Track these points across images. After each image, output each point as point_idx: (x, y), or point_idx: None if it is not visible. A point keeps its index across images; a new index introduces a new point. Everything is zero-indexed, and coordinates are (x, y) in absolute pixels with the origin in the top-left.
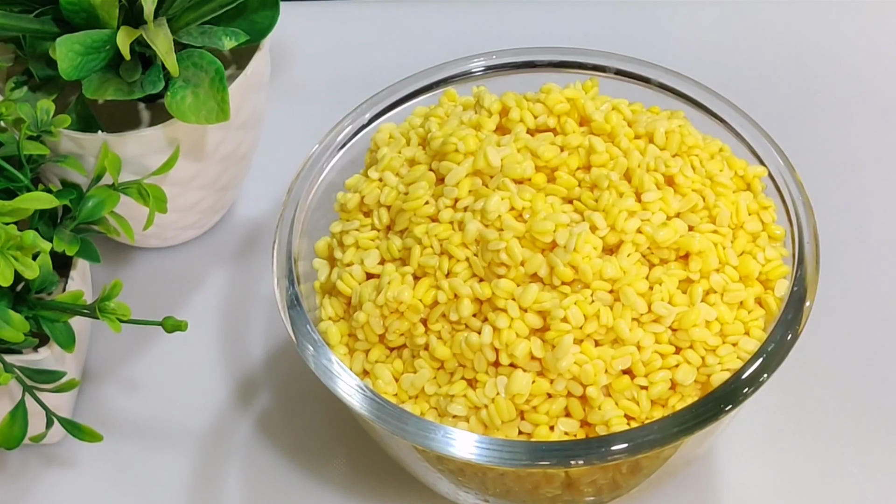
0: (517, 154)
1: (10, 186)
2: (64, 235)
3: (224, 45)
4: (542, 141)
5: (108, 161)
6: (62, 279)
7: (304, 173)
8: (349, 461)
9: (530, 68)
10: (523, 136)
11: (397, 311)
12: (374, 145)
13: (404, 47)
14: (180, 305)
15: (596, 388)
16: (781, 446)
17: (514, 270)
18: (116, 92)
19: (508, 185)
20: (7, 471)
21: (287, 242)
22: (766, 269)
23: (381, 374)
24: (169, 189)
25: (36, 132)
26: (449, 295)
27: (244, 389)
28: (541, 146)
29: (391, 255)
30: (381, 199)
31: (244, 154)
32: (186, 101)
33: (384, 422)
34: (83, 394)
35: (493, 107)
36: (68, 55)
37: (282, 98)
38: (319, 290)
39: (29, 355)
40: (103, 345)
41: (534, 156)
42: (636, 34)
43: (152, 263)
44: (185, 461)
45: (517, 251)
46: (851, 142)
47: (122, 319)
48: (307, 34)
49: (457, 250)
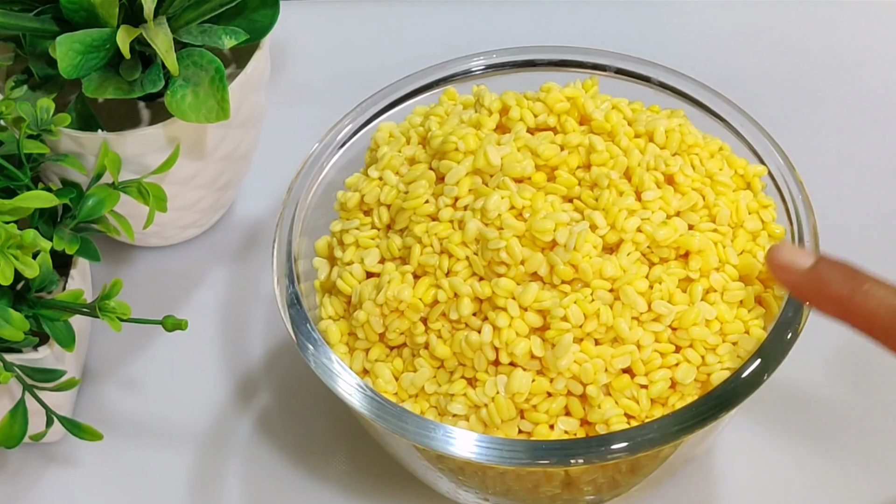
0: (517, 153)
1: (11, 185)
2: (64, 234)
3: (224, 44)
4: (542, 140)
5: (108, 160)
6: (62, 278)
7: (304, 172)
8: (349, 460)
9: (530, 67)
10: (523, 134)
11: (397, 310)
12: (374, 144)
13: (404, 46)
14: (180, 304)
15: (596, 386)
16: (781, 445)
17: (514, 269)
18: (116, 91)
19: (508, 183)
20: (7, 469)
21: (287, 241)
22: (766, 268)
23: (381, 372)
24: (169, 188)
25: (36, 131)
26: (449, 294)
27: (244, 388)
28: (541, 145)
29: (391, 254)
30: (380, 197)
31: (244, 153)
32: (186, 99)
33: (384, 421)
34: (83, 393)
35: (493, 106)
36: (68, 54)
37: (282, 97)
38: (319, 288)
39: (29, 354)
40: (103, 344)
41: (534, 155)
42: (636, 33)
43: (152, 262)
44: (185, 459)
45: (517, 250)
46: (851, 141)
47: (123, 318)
48: (307, 33)
49: (457, 249)
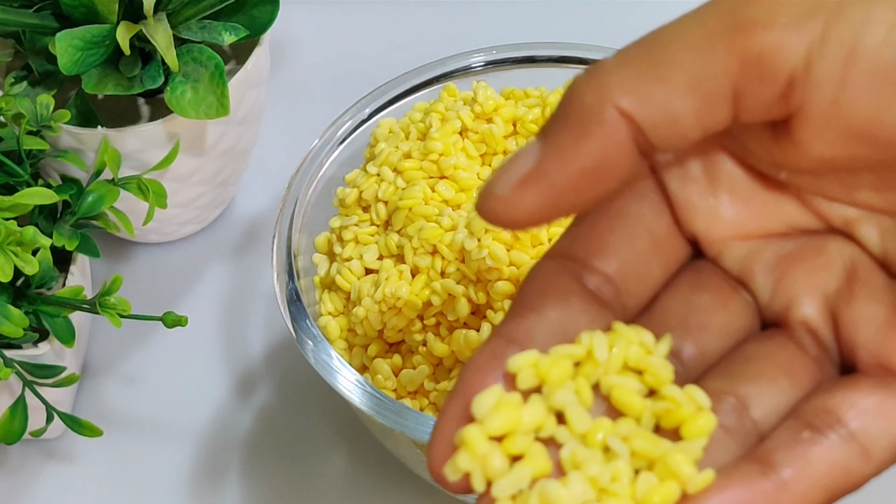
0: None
1: (10, 182)
2: (64, 230)
3: (224, 41)
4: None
5: (107, 156)
6: (62, 274)
7: (303, 168)
8: (348, 456)
9: (530, 63)
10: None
11: (395, 307)
12: (374, 140)
13: (404, 42)
14: (180, 300)
15: None
16: None
17: (506, 271)
18: (116, 87)
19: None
20: (7, 465)
21: (287, 237)
22: None
23: (381, 369)
24: (169, 184)
25: (35, 127)
26: (442, 296)
27: (244, 384)
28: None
29: (389, 252)
30: (378, 194)
31: (244, 149)
32: (186, 96)
33: (383, 416)
34: (83, 389)
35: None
36: (68, 50)
37: (281, 93)
38: (319, 285)
39: (29, 350)
40: (103, 340)
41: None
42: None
43: (152, 259)
44: (185, 456)
45: (501, 254)
46: None
47: (123, 314)
48: (307, 29)
49: (448, 252)
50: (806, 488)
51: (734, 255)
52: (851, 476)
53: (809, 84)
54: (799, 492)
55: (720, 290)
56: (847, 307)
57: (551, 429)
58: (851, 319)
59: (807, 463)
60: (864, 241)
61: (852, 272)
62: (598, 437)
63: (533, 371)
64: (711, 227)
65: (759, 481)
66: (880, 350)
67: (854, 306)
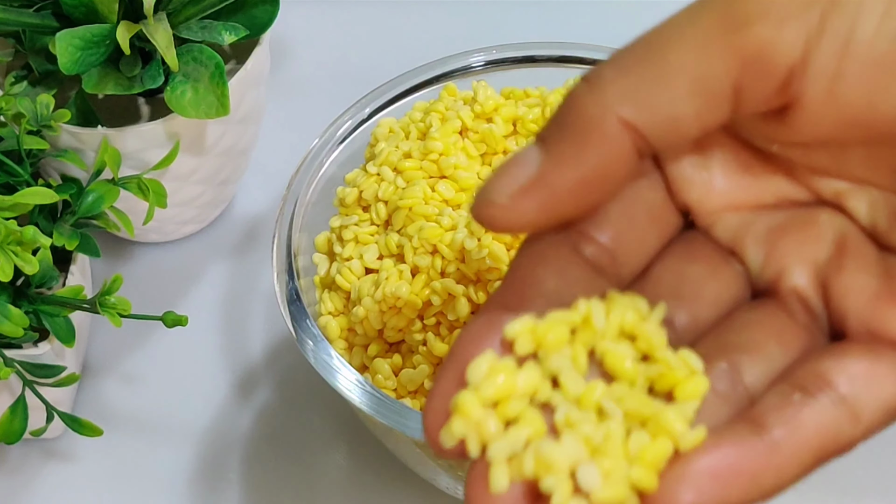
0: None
1: (10, 181)
2: (64, 230)
3: (224, 40)
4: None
5: (107, 156)
6: (62, 274)
7: (303, 168)
8: (349, 455)
9: (530, 63)
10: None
11: (395, 307)
12: (374, 140)
13: (405, 42)
14: (180, 300)
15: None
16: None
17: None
18: (116, 87)
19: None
20: (7, 465)
21: (287, 237)
22: None
23: (381, 368)
24: (169, 184)
25: (36, 127)
26: (442, 296)
27: (244, 384)
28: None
29: (389, 251)
30: (378, 193)
31: (244, 149)
32: (186, 95)
33: (383, 416)
34: (83, 388)
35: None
36: (68, 50)
37: (281, 93)
38: (319, 284)
39: (29, 350)
40: (103, 339)
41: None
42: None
43: (152, 258)
44: (185, 455)
45: (501, 254)
46: None
47: (123, 314)
48: (307, 29)
49: (448, 252)
50: (796, 449)
51: (726, 227)
52: (841, 439)
53: (807, 76)
54: (789, 452)
55: (712, 260)
56: (837, 277)
57: (546, 394)
58: (841, 289)
59: (798, 424)
60: (853, 212)
61: (842, 243)
62: (592, 399)
63: (530, 337)
64: (704, 198)
65: (751, 441)
66: (870, 318)
67: (844, 276)
